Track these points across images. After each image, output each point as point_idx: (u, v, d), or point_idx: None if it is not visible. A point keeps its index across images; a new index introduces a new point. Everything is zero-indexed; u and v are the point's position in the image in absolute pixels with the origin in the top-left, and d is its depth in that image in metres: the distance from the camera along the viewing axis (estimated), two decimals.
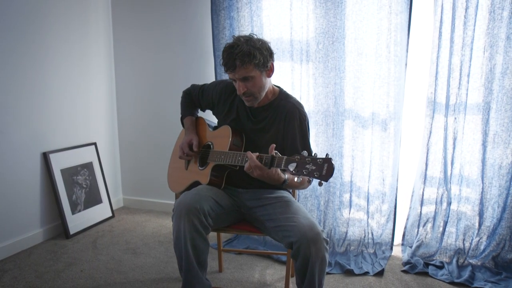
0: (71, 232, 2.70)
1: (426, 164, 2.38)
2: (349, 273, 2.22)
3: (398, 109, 2.40)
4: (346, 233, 2.52)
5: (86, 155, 2.96)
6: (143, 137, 3.25)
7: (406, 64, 2.34)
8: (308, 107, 2.57)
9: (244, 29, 2.64)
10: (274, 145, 1.46)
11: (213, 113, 1.98)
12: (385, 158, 2.45)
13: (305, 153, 1.35)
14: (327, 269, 2.23)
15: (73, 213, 2.75)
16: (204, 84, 2.01)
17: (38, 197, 2.62)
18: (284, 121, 1.69)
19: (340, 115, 2.50)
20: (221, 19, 2.69)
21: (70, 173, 2.80)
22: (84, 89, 2.97)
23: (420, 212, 2.42)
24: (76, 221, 2.76)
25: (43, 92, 2.63)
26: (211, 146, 1.84)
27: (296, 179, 1.36)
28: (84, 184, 2.90)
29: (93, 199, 2.96)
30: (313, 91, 2.54)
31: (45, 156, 2.63)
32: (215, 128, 1.93)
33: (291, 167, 1.33)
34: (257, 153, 1.49)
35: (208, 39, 2.87)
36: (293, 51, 2.56)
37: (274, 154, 1.43)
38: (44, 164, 2.63)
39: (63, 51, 2.76)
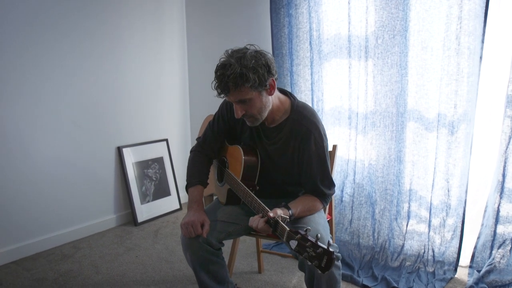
0: (139, 220, 2.96)
1: (504, 175, 2.01)
2: None
3: (469, 110, 2.08)
4: (403, 246, 2.27)
5: (157, 150, 3.21)
6: None
7: (481, 57, 2.01)
8: (366, 107, 2.39)
9: (302, 27, 2.57)
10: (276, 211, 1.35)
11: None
12: (451, 166, 2.14)
13: (308, 230, 1.19)
14: (371, 284, 2.05)
15: (142, 203, 3.01)
16: (209, 126, 1.76)
17: (112, 186, 2.93)
18: (300, 145, 1.52)
19: (400, 116, 2.26)
20: (280, 17, 2.66)
21: (141, 167, 3.06)
22: (157, 89, 3.22)
23: (495, 231, 2.06)
24: (145, 211, 3.02)
25: (119, 91, 2.92)
26: (226, 164, 1.73)
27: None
28: (154, 177, 3.15)
29: (161, 192, 3.19)
30: (371, 90, 2.35)
31: (119, 150, 2.93)
32: (230, 141, 1.74)
33: (292, 244, 1.20)
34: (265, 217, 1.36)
35: (267, 38, 2.86)
36: (350, 47, 2.40)
37: (279, 220, 1.30)
38: (118, 158, 2.93)
39: (138, 51, 3.03)
